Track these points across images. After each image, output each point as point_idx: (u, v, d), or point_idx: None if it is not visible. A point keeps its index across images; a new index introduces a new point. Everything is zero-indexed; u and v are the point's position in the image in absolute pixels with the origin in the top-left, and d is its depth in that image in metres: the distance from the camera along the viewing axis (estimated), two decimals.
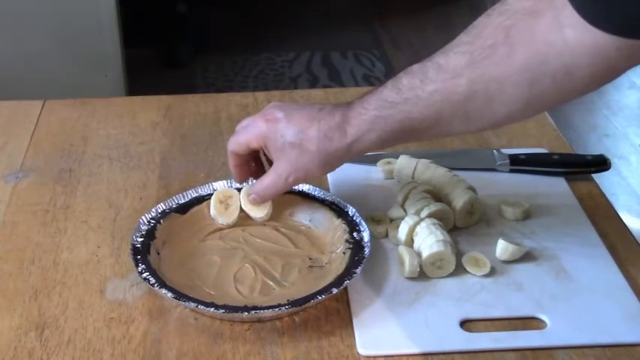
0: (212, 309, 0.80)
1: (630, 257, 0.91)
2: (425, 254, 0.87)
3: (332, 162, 0.87)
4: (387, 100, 0.82)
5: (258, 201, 0.93)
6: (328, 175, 1.04)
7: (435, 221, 0.91)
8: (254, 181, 0.94)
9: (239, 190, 0.95)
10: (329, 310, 0.84)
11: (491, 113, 0.79)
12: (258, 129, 0.88)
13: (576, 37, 0.72)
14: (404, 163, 1.02)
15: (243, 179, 0.95)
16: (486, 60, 0.76)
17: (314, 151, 0.85)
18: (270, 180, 0.89)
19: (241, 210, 0.94)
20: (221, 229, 0.94)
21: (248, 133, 0.89)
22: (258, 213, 0.94)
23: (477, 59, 0.77)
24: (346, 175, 1.04)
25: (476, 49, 0.77)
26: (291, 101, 1.22)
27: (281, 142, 0.86)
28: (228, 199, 0.94)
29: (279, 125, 0.86)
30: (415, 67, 0.82)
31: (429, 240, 0.88)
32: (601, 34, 0.70)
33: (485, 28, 0.78)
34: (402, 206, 0.96)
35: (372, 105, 0.83)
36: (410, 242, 0.90)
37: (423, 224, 0.90)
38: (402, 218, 0.93)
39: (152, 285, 0.83)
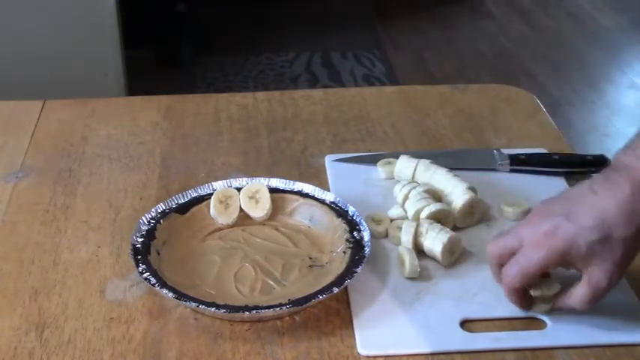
0: (213, 309, 0.80)
1: None
2: (445, 240, 0.87)
3: None
4: None
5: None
6: (328, 175, 1.04)
7: (432, 221, 0.91)
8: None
9: (239, 190, 0.95)
10: (329, 310, 0.84)
11: None
12: (550, 249, 0.77)
13: None
14: (404, 163, 1.02)
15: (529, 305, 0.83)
16: None
17: (625, 235, 0.75)
18: (586, 291, 0.78)
19: (241, 210, 0.94)
20: (221, 228, 0.94)
21: (539, 260, 0.77)
22: (257, 212, 0.94)
23: None
24: (346, 175, 1.04)
25: None
26: (292, 101, 1.22)
27: (585, 247, 0.75)
28: (228, 199, 0.94)
29: (568, 230, 0.76)
30: None
31: (442, 233, 0.88)
32: None
33: None
34: (402, 206, 0.96)
35: None
36: (416, 246, 0.90)
37: (425, 224, 0.90)
38: (402, 218, 0.94)
39: (153, 285, 0.83)
